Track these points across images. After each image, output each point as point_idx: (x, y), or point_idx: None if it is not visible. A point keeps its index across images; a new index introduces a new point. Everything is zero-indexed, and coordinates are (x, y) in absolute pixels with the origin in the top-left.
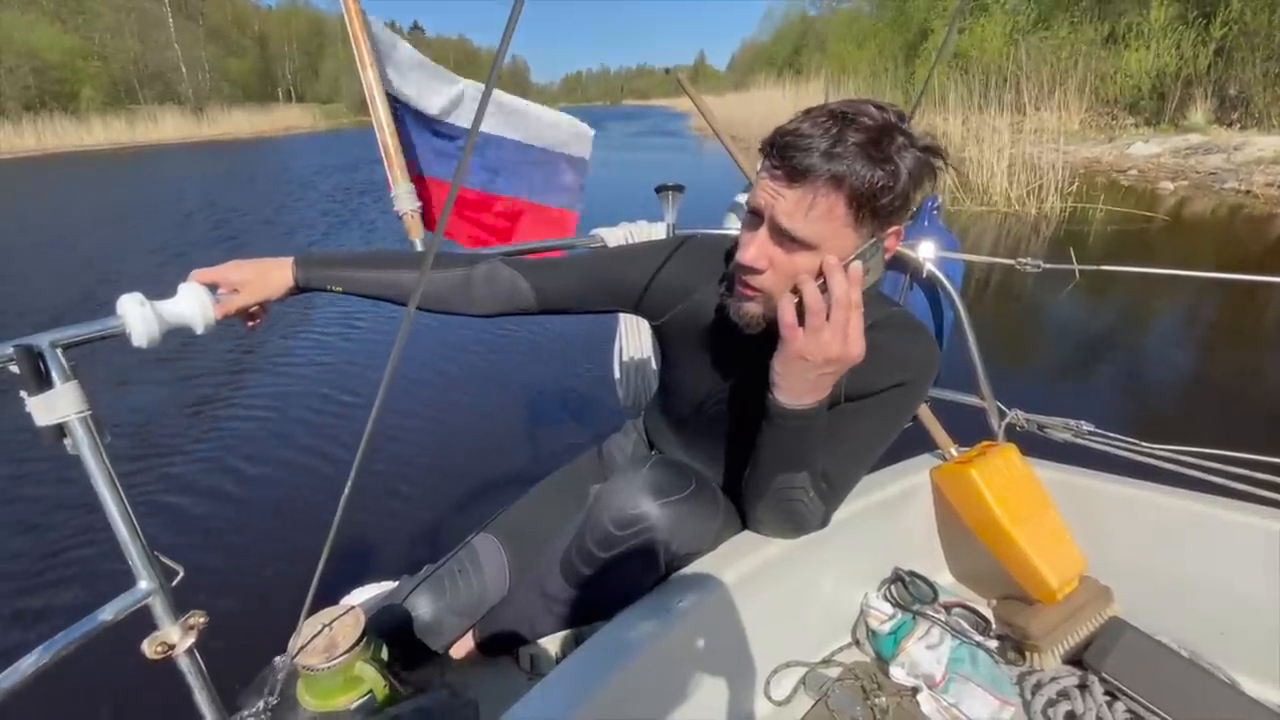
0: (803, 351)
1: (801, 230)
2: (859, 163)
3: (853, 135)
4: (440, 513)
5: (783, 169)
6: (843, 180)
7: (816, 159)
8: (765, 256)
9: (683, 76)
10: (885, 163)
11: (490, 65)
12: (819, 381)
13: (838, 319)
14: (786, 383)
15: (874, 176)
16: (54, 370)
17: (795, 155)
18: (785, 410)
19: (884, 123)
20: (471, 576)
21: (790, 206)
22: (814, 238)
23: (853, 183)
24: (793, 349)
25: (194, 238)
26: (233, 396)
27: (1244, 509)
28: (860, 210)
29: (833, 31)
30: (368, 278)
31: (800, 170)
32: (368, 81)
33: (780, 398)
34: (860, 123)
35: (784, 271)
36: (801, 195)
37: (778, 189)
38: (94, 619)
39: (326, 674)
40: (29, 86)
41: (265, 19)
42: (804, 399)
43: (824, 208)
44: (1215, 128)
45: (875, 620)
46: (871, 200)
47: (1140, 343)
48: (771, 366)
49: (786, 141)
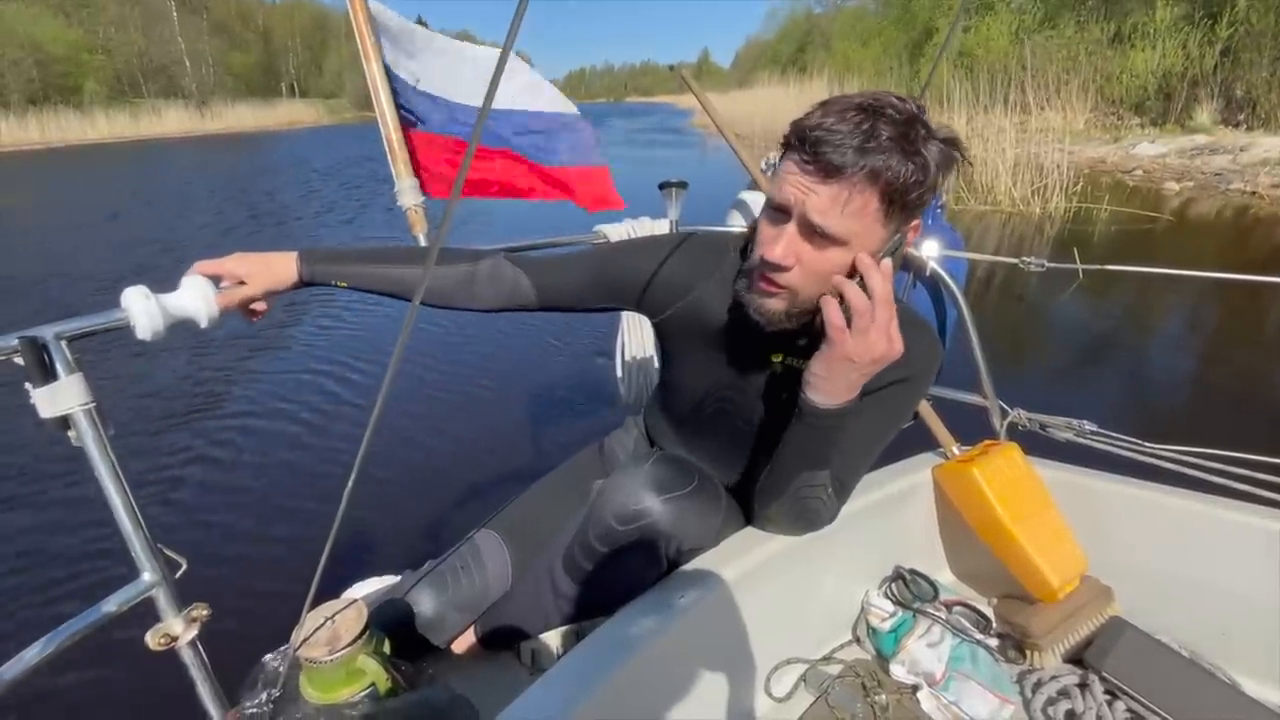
0: (851, 354)
1: (835, 227)
2: (894, 157)
3: (885, 128)
4: (442, 508)
5: (814, 164)
6: (879, 175)
7: (851, 154)
8: (794, 253)
9: (687, 73)
10: (916, 155)
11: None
12: (858, 382)
13: (882, 318)
14: (827, 384)
15: (908, 170)
16: (58, 362)
17: (828, 150)
18: (820, 410)
19: (910, 114)
20: (474, 572)
21: (824, 203)
22: (846, 234)
23: (888, 177)
24: (841, 351)
25: (233, 221)
26: (237, 391)
27: (1245, 509)
28: (892, 205)
29: (837, 30)
30: (372, 274)
31: (835, 166)
32: (371, 75)
33: (816, 398)
34: (889, 115)
35: (812, 269)
36: (836, 191)
37: (809, 185)
38: (98, 610)
39: (329, 666)
40: (33, 80)
41: (269, 13)
42: (840, 399)
43: (859, 203)
44: (1221, 128)
45: (876, 618)
46: (904, 194)
47: (1143, 343)
48: (810, 368)
49: (817, 136)
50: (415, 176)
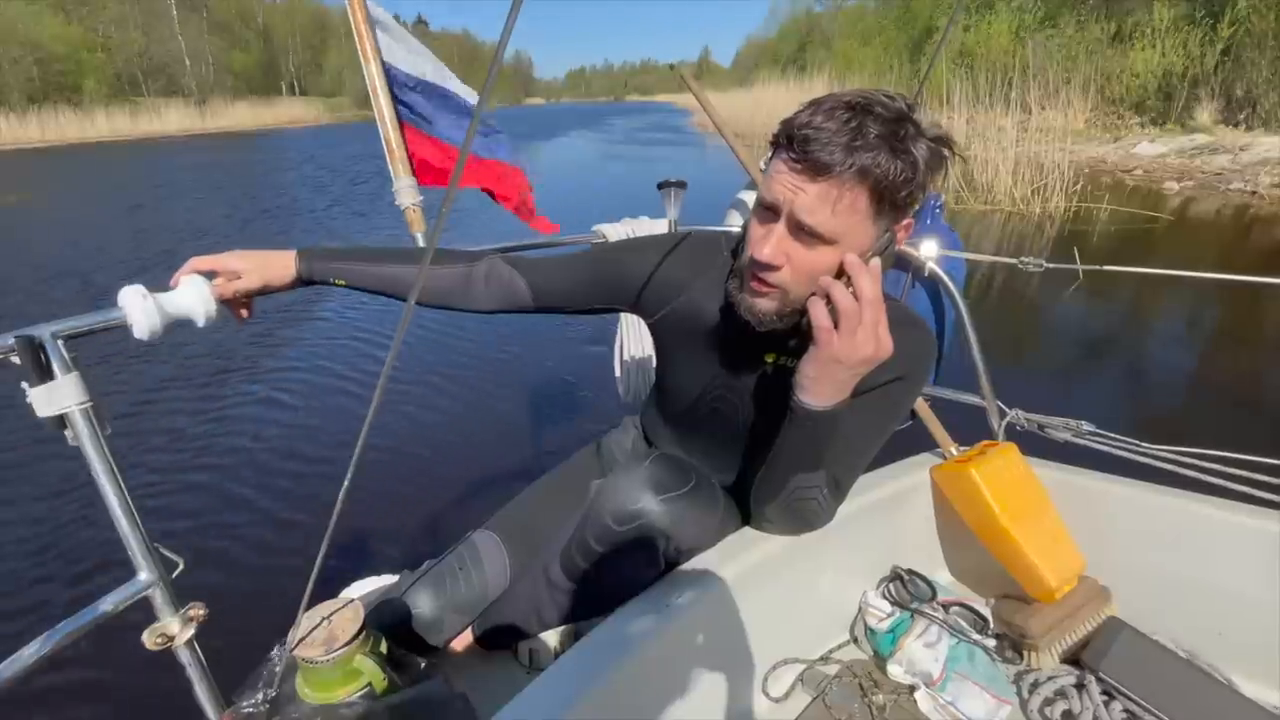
0: (839, 355)
1: (824, 226)
2: (882, 155)
3: (873, 126)
4: (440, 508)
5: (803, 163)
6: (868, 173)
7: (839, 152)
8: (783, 253)
9: (686, 73)
10: (905, 153)
11: (490, 61)
12: (848, 382)
13: (869, 319)
14: (817, 385)
15: (897, 168)
16: (55, 361)
17: (816, 149)
18: (812, 412)
19: (899, 112)
20: (471, 573)
21: (812, 201)
22: (835, 233)
23: (877, 175)
24: (828, 352)
25: (248, 214)
26: (234, 390)
27: (1243, 510)
28: (881, 203)
29: (838, 29)
30: (369, 272)
31: (823, 164)
32: (370, 75)
33: (806, 399)
34: (877, 113)
35: (801, 268)
36: (825, 190)
37: (798, 183)
38: (94, 609)
39: (326, 666)
40: (33, 78)
41: (269, 12)
42: (831, 400)
43: (848, 202)
44: (1221, 128)
45: (874, 618)
46: (893, 192)
47: (1142, 343)
48: (800, 370)
49: (805, 135)
50: (414, 176)
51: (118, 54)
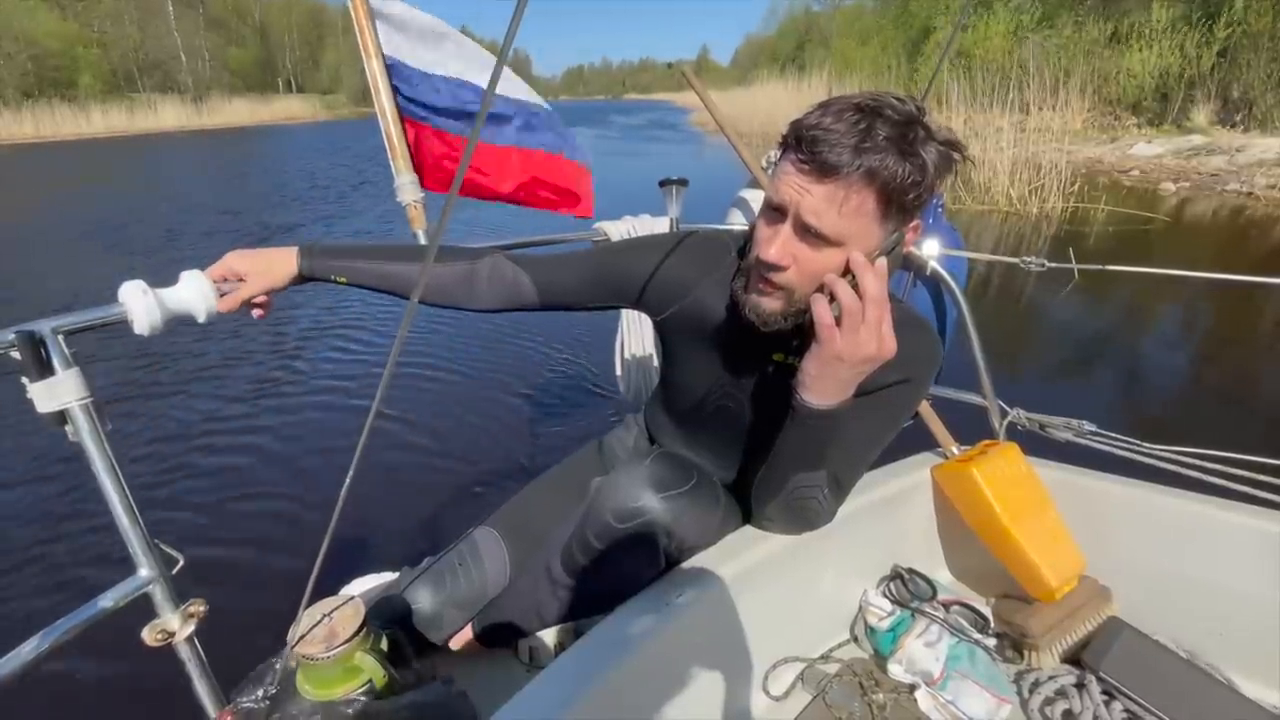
0: (841, 353)
1: (830, 227)
2: (891, 157)
3: (882, 128)
4: (440, 505)
5: (810, 164)
6: (875, 175)
7: (847, 154)
8: (789, 254)
9: (688, 70)
10: (914, 156)
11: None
12: (851, 381)
13: (872, 317)
14: (819, 384)
15: (905, 170)
16: (55, 357)
17: (824, 150)
18: (814, 411)
19: (909, 115)
20: (472, 570)
21: (819, 203)
22: (842, 234)
23: (884, 177)
24: (830, 350)
25: (255, 207)
26: (234, 386)
27: (1243, 510)
28: (889, 205)
29: (836, 28)
30: (371, 269)
31: (831, 166)
32: (371, 72)
33: (808, 398)
34: (887, 115)
35: (807, 269)
36: (832, 191)
37: (805, 185)
38: (94, 606)
39: (326, 663)
40: (28, 73)
41: (266, 8)
42: (833, 399)
43: (855, 204)
44: (1218, 129)
45: (874, 617)
46: (901, 195)
47: (1141, 343)
48: (802, 368)
49: (814, 135)
50: (415, 172)
51: (113, 50)
